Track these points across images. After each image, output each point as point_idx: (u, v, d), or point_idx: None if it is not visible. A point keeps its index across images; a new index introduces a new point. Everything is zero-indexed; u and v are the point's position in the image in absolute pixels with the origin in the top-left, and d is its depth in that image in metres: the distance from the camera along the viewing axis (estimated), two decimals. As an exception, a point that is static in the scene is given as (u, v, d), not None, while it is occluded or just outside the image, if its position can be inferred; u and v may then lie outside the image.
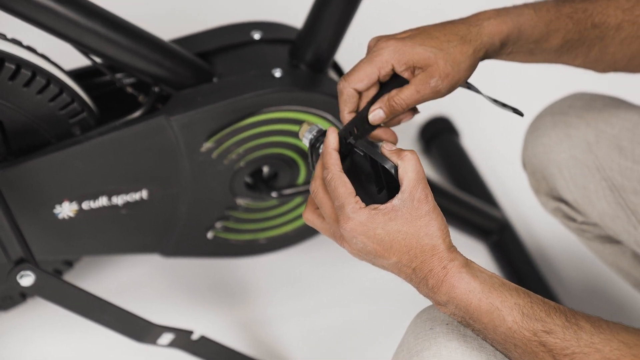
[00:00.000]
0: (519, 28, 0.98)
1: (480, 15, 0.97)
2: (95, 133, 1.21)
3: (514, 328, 0.83)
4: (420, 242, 0.87)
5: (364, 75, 0.95)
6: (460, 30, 0.96)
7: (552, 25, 1.00)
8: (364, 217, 0.87)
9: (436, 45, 0.94)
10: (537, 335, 0.83)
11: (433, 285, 0.86)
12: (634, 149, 1.15)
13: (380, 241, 0.87)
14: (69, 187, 1.24)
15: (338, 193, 0.88)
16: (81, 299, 1.21)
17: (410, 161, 0.88)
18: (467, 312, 0.85)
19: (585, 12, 1.01)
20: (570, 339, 0.82)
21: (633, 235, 1.16)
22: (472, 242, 1.68)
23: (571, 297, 1.60)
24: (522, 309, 0.84)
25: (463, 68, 0.95)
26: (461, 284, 0.85)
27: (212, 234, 1.38)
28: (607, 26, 1.02)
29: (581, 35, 1.01)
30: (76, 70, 1.27)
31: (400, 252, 0.87)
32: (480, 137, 1.85)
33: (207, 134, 1.25)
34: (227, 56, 1.29)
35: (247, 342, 1.47)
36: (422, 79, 0.94)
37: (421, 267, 0.87)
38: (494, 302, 0.84)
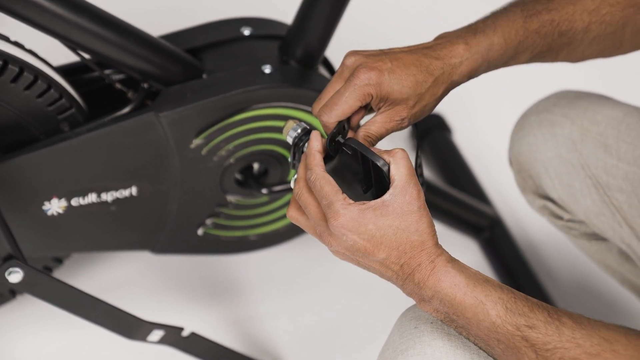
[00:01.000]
0: (489, 61, 0.99)
1: (454, 51, 0.97)
2: (84, 129, 1.21)
3: (498, 322, 0.84)
4: (410, 237, 0.87)
5: (348, 111, 0.95)
6: (435, 69, 0.96)
7: (521, 46, 1.00)
8: (354, 213, 0.87)
9: (412, 85, 0.95)
10: (520, 330, 0.83)
11: (419, 280, 0.87)
12: (618, 146, 1.15)
13: (370, 237, 0.87)
14: (57, 184, 1.23)
15: (325, 192, 0.88)
16: (70, 295, 1.21)
17: (402, 159, 0.89)
18: (451, 306, 0.86)
19: (552, 23, 1.01)
20: (552, 334, 0.83)
21: (618, 232, 1.17)
22: (463, 238, 1.68)
23: (562, 294, 1.60)
24: (506, 304, 0.84)
25: (429, 107, 0.98)
26: (447, 277, 0.86)
27: (203, 231, 1.37)
28: (575, 31, 1.02)
29: (549, 46, 1.02)
30: (64, 67, 1.26)
31: (390, 248, 0.87)
32: (472, 134, 1.85)
33: (196, 130, 1.24)
34: (217, 52, 1.29)
35: (238, 339, 1.47)
36: (390, 116, 0.96)
37: (409, 263, 0.87)
38: (478, 296, 0.85)
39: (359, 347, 1.49)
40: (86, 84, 1.28)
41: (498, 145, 1.79)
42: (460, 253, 1.65)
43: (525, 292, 1.54)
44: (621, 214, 1.16)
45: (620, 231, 1.16)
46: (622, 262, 1.24)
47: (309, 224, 0.92)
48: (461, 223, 1.65)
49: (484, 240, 1.66)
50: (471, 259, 1.66)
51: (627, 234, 1.16)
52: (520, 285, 1.60)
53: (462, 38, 0.98)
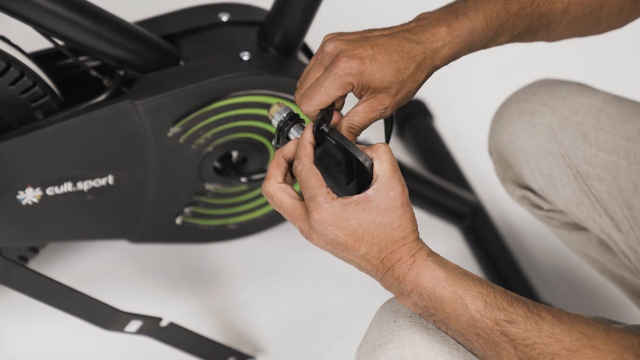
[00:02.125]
0: (470, 45, 0.98)
1: (436, 34, 0.95)
2: (59, 117, 1.19)
3: (477, 317, 0.83)
4: (392, 233, 0.86)
5: (328, 100, 0.93)
6: (417, 55, 0.94)
7: (501, 28, 0.99)
8: (337, 207, 0.86)
9: (394, 73, 0.93)
10: (499, 325, 0.83)
11: (399, 274, 0.86)
12: (598, 135, 1.14)
13: (352, 232, 0.86)
14: (32, 173, 1.21)
15: (310, 183, 0.87)
16: (45, 286, 1.19)
17: (385, 153, 0.88)
18: (430, 300, 0.85)
19: (532, 4, 0.99)
20: (531, 329, 0.82)
21: (598, 222, 1.16)
22: (445, 226, 1.67)
23: (543, 282, 1.60)
24: (485, 298, 0.84)
25: (411, 94, 0.96)
26: (426, 271, 0.85)
27: (181, 220, 1.36)
28: (554, 12, 1.01)
29: (529, 28, 1.01)
30: (38, 53, 1.24)
31: (371, 243, 0.86)
32: (454, 120, 1.84)
33: (173, 118, 1.22)
34: (194, 39, 1.27)
35: (218, 328, 1.46)
36: (372, 105, 0.94)
37: (390, 257, 0.86)
38: (457, 291, 0.84)
39: (338, 335, 1.48)
40: (61, 71, 1.25)
41: (480, 132, 1.78)
42: (442, 240, 1.66)
43: (506, 279, 1.57)
44: (601, 203, 1.15)
45: (600, 221, 1.16)
46: (602, 251, 1.24)
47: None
48: (442, 210, 1.64)
49: (465, 227, 1.66)
50: (452, 246, 1.65)
51: (607, 224, 1.15)
52: (502, 273, 1.59)
53: (444, 20, 0.96)
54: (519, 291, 1.55)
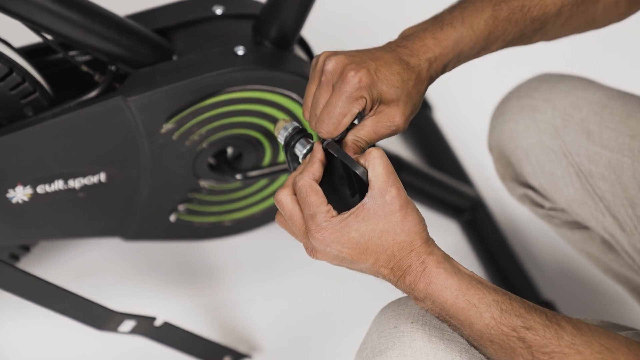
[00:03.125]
0: (458, 54, 0.95)
1: (424, 47, 0.93)
2: (49, 114, 1.16)
3: (491, 324, 0.81)
4: (396, 239, 0.84)
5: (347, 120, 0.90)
6: (415, 66, 0.92)
7: (492, 36, 0.96)
8: (336, 224, 0.84)
9: (399, 84, 0.90)
10: (516, 331, 0.80)
11: (410, 283, 0.84)
12: (601, 133, 1.12)
13: (355, 245, 0.84)
14: (22, 171, 1.19)
15: (309, 201, 0.85)
16: (36, 287, 1.17)
17: (376, 158, 0.85)
18: (443, 308, 0.83)
19: (522, 9, 0.97)
20: (550, 337, 0.80)
21: (601, 222, 1.14)
22: (444, 220, 1.65)
23: (545, 278, 1.58)
24: (501, 305, 0.82)
25: (417, 105, 0.93)
26: (438, 280, 0.83)
27: (175, 217, 1.33)
28: (547, 15, 0.98)
29: (522, 33, 0.98)
30: (26, 48, 1.21)
31: (377, 253, 0.84)
32: (454, 112, 1.81)
33: (167, 114, 1.20)
34: (188, 33, 1.24)
35: (213, 326, 1.44)
36: (382, 122, 0.91)
37: (399, 265, 0.84)
38: (471, 300, 0.82)
39: (336, 333, 1.46)
40: (51, 66, 1.23)
41: (480, 123, 1.75)
42: (441, 235, 1.63)
43: (506, 275, 1.55)
44: (604, 203, 1.12)
45: (603, 220, 1.13)
46: (605, 251, 1.22)
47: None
48: (441, 204, 1.62)
49: (465, 222, 1.63)
50: (452, 241, 1.63)
51: (610, 224, 1.13)
52: (502, 268, 1.57)
53: (429, 32, 0.94)
54: (519, 287, 1.54)
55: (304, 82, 1.22)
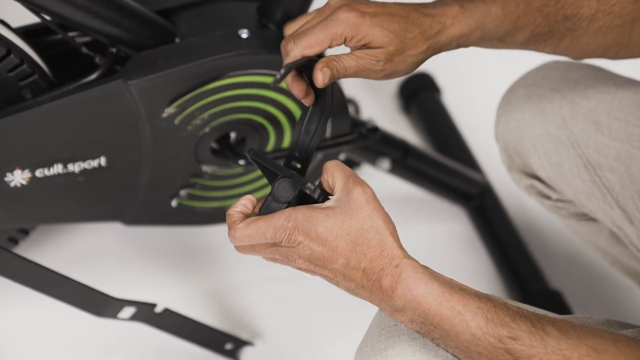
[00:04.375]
0: (482, 29, 0.93)
1: (447, 11, 0.92)
2: (48, 97, 1.14)
3: (478, 334, 0.78)
4: (365, 236, 0.81)
5: (315, 42, 0.89)
6: (424, 23, 0.91)
7: (520, 21, 0.94)
8: (300, 217, 0.82)
9: (394, 30, 0.89)
10: (503, 342, 0.78)
11: (387, 287, 0.80)
12: (610, 123, 1.09)
13: (323, 241, 0.81)
14: (20, 154, 1.17)
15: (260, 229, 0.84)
16: (34, 273, 1.16)
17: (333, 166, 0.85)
18: (426, 317, 0.80)
19: (557, 4, 0.95)
20: (537, 345, 0.77)
21: (609, 214, 1.11)
22: (452, 207, 1.62)
23: (553, 266, 1.56)
24: (486, 314, 0.79)
25: (409, 62, 0.91)
26: (418, 285, 0.80)
27: (177, 202, 1.31)
28: (580, 17, 0.96)
29: (551, 29, 0.96)
30: (25, 28, 1.18)
31: (347, 250, 0.81)
32: (463, 95, 1.79)
33: (168, 98, 1.17)
34: (191, 14, 1.21)
35: (214, 313, 1.43)
36: (366, 53, 0.90)
37: (371, 267, 0.81)
38: (455, 306, 0.79)
39: (338, 321, 1.45)
40: (50, 47, 1.20)
41: (490, 107, 1.71)
42: (448, 221, 1.61)
43: (514, 263, 1.53)
44: (612, 195, 1.10)
45: (611, 213, 1.11)
46: (613, 243, 1.19)
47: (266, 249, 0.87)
48: (449, 190, 1.60)
49: (473, 208, 1.61)
50: (459, 227, 1.61)
51: (619, 216, 1.10)
52: (510, 256, 1.55)
53: (458, 1, 0.93)
54: (526, 276, 1.52)
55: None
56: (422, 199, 1.62)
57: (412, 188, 1.59)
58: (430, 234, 1.58)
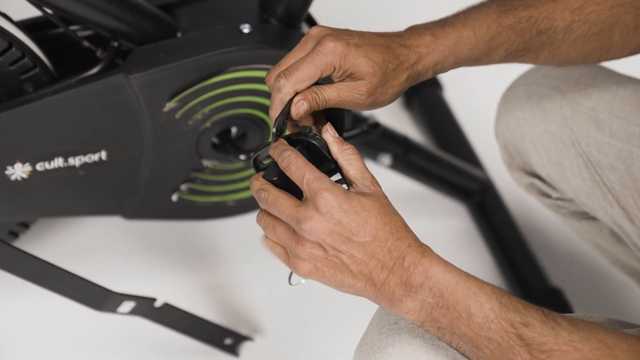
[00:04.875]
0: (456, 55, 0.94)
1: (420, 40, 0.93)
2: (49, 91, 1.14)
3: (491, 317, 0.78)
4: (393, 218, 0.82)
5: (307, 77, 0.88)
6: (402, 53, 0.92)
7: (494, 42, 0.95)
8: (340, 188, 0.82)
9: (378, 61, 0.90)
10: (515, 327, 0.78)
11: (410, 264, 0.80)
12: (611, 122, 1.09)
13: (356, 215, 0.81)
14: (21, 148, 1.17)
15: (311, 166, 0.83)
16: (33, 266, 1.16)
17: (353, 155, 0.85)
18: (441, 297, 0.79)
19: (529, 20, 0.95)
20: (548, 334, 0.77)
21: (610, 213, 1.11)
22: (452, 203, 1.62)
23: (554, 264, 1.56)
24: (500, 298, 0.79)
25: (390, 93, 0.92)
26: (439, 264, 0.80)
27: (177, 197, 1.31)
28: (555, 30, 0.96)
29: (526, 44, 0.96)
30: (26, 21, 1.18)
31: (376, 228, 0.81)
32: (465, 91, 1.78)
33: (170, 93, 1.17)
34: (192, 9, 1.21)
35: (214, 308, 1.43)
36: (349, 86, 0.90)
37: (397, 245, 0.81)
38: (471, 287, 0.79)
39: (337, 315, 1.45)
40: (52, 40, 1.20)
41: (492, 104, 1.71)
42: (449, 218, 1.61)
43: (514, 260, 1.53)
44: (613, 194, 1.10)
45: (611, 212, 1.11)
46: (614, 242, 1.19)
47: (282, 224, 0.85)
48: (450, 187, 1.60)
49: (473, 205, 1.61)
50: (460, 224, 1.60)
51: (619, 215, 1.10)
52: (510, 252, 1.55)
53: (429, 29, 0.94)
54: (527, 273, 1.52)
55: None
56: (423, 195, 1.62)
57: (413, 184, 1.59)
58: (431, 231, 1.58)
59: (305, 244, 0.82)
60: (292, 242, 0.84)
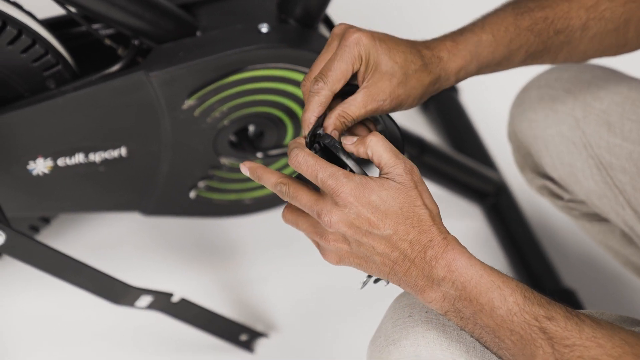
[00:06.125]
0: (478, 59, 0.94)
1: (441, 46, 0.93)
2: (71, 87, 1.16)
3: (515, 310, 0.78)
4: (417, 210, 0.81)
5: (341, 75, 0.89)
6: (426, 55, 0.92)
7: (513, 44, 0.95)
8: (358, 181, 0.81)
9: (400, 61, 0.90)
10: (538, 320, 0.78)
11: (432, 257, 0.80)
12: (623, 124, 1.09)
13: (375, 208, 0.81)
14: (43, 143, 1.19)
15: (322, 164, 0.83)
16: (54, 259, 1.17)
17: (377, 144, 0.84)
18: (464, 289, 0.79)
19: (545, 20, 0.96)
20: (572, 329, 0.78)
21: (621, 215, 1.12)
22: (467, 204, 1.63)
23: (568, 266, 1.56)
24: (524, 292, 0.79)
25: (413, 95, 0.91)
26: (463, 257, 0.80)
27: (195, 194, 1.33)
28: (572, 29, 0.97)
29: (545, 45, 0.97)
30: (51, 20, 1.21)
31: (396, 222, 0.81)
32: (480, 94, 1.79)
33: (189, 90, 1.19)
34: (212, 8, 1.23)
35: (230, 304, 1.44)
36: (372, 94, 0.90)
37: (419, 239, 0.81)
38: (495, 281, 0.79)
39: (352, 313, 1.46)
40: (74, 38, 1.23)
41: (506, 107, 1.72)
42: (463, 219, 1.62)
43: (528, 261, 1.53)
44: (624, 196, 1.10)
45: (623, 214, 1.11)
46: (625, 244, 1.20)
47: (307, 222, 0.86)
48: (465, 188, 1.61)
49: (488, 206, 1.62)
50: (474, 225, 1.61)
51: (631, 217, 1.11)
52: (524, 254, 1.55)
53: (449, 37, 0.95)
54: (540, 274, 1.52)
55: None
56: (438, 196, 1.61)
57: (429, 185, 1.59)
58: (446, 231, 1.58)
59: (328, 236, 0.83)
60: (316, 235, 0.85)
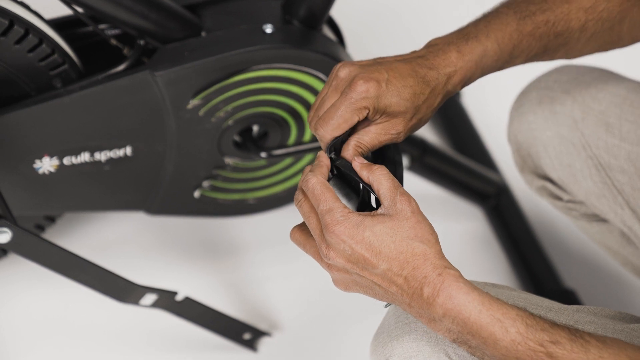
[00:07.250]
0: (482, 68, 0.95)
1: (447, 60, 0.93)
2: (77, 87, 1.17)
3: (518, 340, 0.78)
4: (410, 245, 0.82)
5: (343, 123, 0.90)
6: (431, 80, 0.92)
7: (515, 51, 0.96)
8: (352, 219, 0.82)
9: (409, 97, 0.91)
10: (544, 346, 0.78)
11: (429, 296, 0.80)
12: (621, 125, 1.10)
13: (368, 246, 0.82)
14: (49, 142, 1.20)
15: (326, 196, 0.84)
16: (60, 257, 1.18)
17: (381, 176, 0.86)
18: (465, 325, 0.80)
19: (547, 24, 0.96)
20: (578, 351, 0.77)
21: (620, 215, 1.12)
22: (468, 206, 1.64)
23: (569, 267, 1.57)
24: (525, 320, 0.79)
25: (425, 118, 0.94)
26: (459, 294, 0.80)
27: (199, 193, 1.34)
28: (571, 31, 0.98)
29: (545, 48, 0.98)
30: (57, 20, 1.22)
31: (390, 258, 0.81)
32: (482, 98, 1.80)
33: (193, 90, 1.20)
34: (217, 9, 1.24)
35: (234, 303, 1.45)
36: (385, 130, 0.92)
37: (414, 275, 0.81)
38: (494, 314, 0.79)
39: (356, 312, 1.46)
40: (80, 38, 1.24)
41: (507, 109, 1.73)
42: (465, 220, 1.63)
43: (529, 263, 1.54)
44: (623, 196, 1.11)
45: (621, 214, 1.12)
46: (624, 244, 1.20)
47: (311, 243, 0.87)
48: (466, 190, 1.61)
49: (489, 208, 1.62)
50: (475, 227, 1.62)
51: (629, 217, 1.12)
52: (525, 256, 1.56)
53: (454, 45, 0.94)
54: (541, 275, 1.53)
55: (331, 62, 1.22)
56: (440, 197, 1.64)
57: (430, 186, 1.61)
58: (447, 233, 1.59)
59: (331, 266, 0.85)
60: (322, 263, 0.86)
